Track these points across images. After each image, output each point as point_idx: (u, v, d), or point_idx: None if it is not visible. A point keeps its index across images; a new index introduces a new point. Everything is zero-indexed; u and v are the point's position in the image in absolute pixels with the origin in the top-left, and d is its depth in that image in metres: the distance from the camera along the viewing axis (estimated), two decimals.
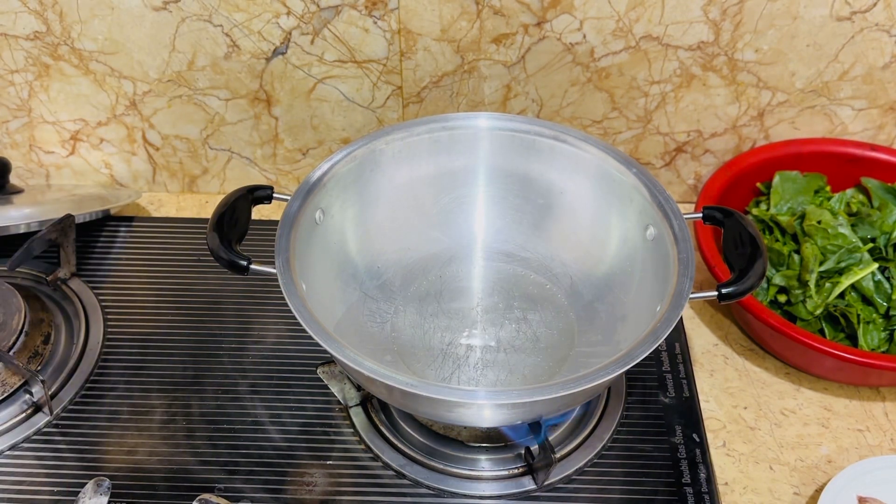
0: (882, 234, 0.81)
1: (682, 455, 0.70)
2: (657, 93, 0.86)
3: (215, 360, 0.77)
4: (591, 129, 0.89)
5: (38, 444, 0.70)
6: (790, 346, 0.75)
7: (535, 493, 0.67)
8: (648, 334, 0.59)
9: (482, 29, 0.81)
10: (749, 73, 0.84)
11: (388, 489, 0.68)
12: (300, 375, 0.75)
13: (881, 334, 0.75)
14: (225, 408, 0.73)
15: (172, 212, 0.94)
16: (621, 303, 0.72)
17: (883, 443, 0.73)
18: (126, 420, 0.72)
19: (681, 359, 0.78)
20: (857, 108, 0.87)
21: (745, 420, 0.74)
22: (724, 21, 0.80)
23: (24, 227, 0.80)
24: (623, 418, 0.73)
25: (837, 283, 0.77)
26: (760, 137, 0.90)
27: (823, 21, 0.80)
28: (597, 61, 0.83)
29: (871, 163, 0.87)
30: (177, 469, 0.69)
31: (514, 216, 0.79)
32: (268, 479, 0.68)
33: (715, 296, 0.62)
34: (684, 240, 0.65)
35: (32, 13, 0.81)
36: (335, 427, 0.72)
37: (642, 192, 0.70)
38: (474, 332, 0.75)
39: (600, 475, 0.69)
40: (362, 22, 0.81)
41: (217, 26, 0.81)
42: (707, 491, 0.68)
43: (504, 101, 0.87)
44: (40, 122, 0.90)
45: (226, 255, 0.63)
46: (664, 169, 0.93)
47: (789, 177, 0.86)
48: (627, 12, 0.79)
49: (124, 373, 0.76)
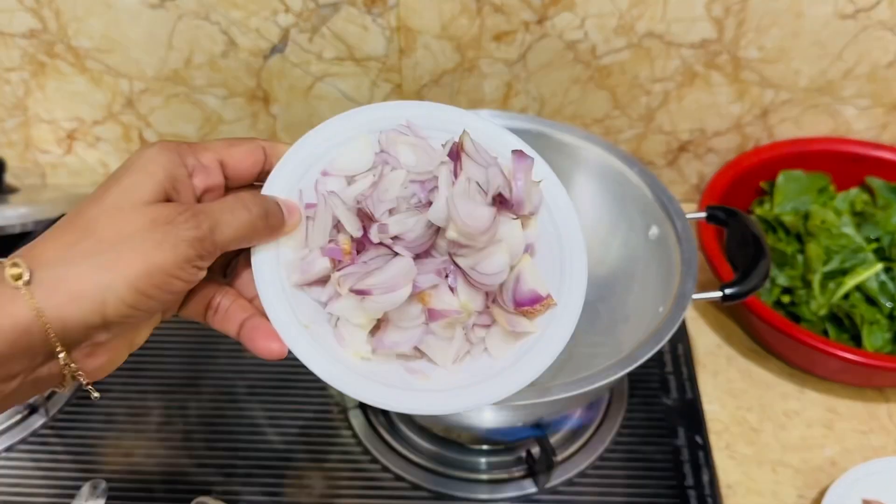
0: (886, 234, 0.81)
1: (685, 457, 0.70)
2: (659, 91, 0.85)
3: (213, 362, 0.77)
4: (592, 128, 0.89)
5: (34, 445, 0.70)
6: (794, 347, 0.74)
7: (535, 496, 0.67)
8: (651, 336, 0.58)
9: (483, 26, 0.81)
10: (752, 72, 0.83)
11: (387, 492, 0.67)
12: (298, 377, 0.75)
13: (885, 335, 0.75)
14: (222, 410, 0.73)
15: None
16: (624, 303, 0.71)
17: (887, 445, 0.72)
18: (123, 422, 0.72)
19: (684, 360, 0.77)
20: (861, 106, 0.86)
21: (749, 422, 0.74)
22: (728, 19, 0.79)
23: (19, 226, 0.80)
24: (625, 420, 0.72)
25: (842, 283, 0.77)
26: (764, 136, 0.89)
27: (827, 19, 0.79)
28: (598, 59, 0.83)
29: (875, 162, 0.87)
30: (174, 471, 0.68)
31: None
32: (265, 482, 0.67)
33: (718, 296, 0.61)
34: (687, 240, 0.64)
35: (28, 11, 0.80)
36: (334, 429, 0.71)
37: (645, 192, 0.69)
38: None
39: (602, 477, 0.68)
40: (361, 19, 0.80)
41: (214, 24, 0.81)
42: (710, 493, 0.67)
43: (505, 100, 0.87)
44: (36, 121, 0.89)
45: None
46: (667, 168, 0.92)
47: (793, 176, 0.86)
48: (629, 9, 0.79)
49: (121, 374, 0.75)
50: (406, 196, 0.43)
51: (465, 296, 0.43)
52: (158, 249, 0.36)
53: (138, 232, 0.36)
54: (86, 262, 0.35)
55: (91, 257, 0.35)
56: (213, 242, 0.38)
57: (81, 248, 0.35)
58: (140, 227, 0.36)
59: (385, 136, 0.45)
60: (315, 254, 0.43)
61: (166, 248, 0.36)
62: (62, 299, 0.34)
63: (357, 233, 0.42)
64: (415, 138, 0.45)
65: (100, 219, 0.36)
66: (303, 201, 0.43)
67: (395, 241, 0.42)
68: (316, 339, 0.42)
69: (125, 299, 0.35)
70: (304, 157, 0.44)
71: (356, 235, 0.42)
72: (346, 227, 0.42)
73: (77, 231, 0.36)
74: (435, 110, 0.47)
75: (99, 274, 0.35)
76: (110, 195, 0.37)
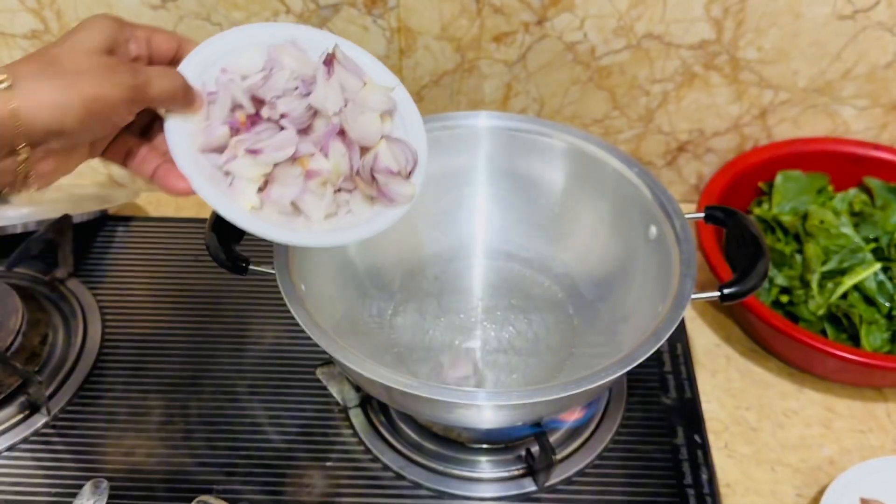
0: (885, 234, 0.81)
1: (684, 456, 0.70)
2: (659, 92, 0.85)
3: (214, 361, 0.77)
4: (592, 129, 0.89)
5: (35, 444, 0.70)
6: (792, 347, 0.74)
7: (535, 495, 0.67)
8: (650, 335, 0.59)
9: (482, 27, 0.81)
10: (751, 72, 0.84)
11: (388, 491, 0.67)
12: (299, 376, 0.75)
13: (884, 335, 0.75)
14: (223, 409, 0.73)
15: (171, 211, 0.94)
16: (623, 303, 0.71)
17: (885, 444, 0.72)
18: (124, 421, 0.72)
19: (682, 359, 0.77)
20: (859, 107, 0.87)
21: (748, 421, 0.74)
22: (726, 19, 0.80)
23: (21, 226, 0.80)
24: (624, 419, 0.72)
25: (840, 283, 0.77)
26: (763, 137, 0.89)
27: (826, 19, 0.80)
28: (598, 60, 0.83)
29: (873, 162, 0.87)
30: (175, 470, 0.68)
31: (515, 216, 0.79)
32: (266, 481, 0.68)
33: (717, 296, 0.62)
34: (686, 240, 0.65)
35: (30, 11, 0.80)
36: (334, 428, 0.72)
37: (644, 192, 0.69)
38: (475, 333, 0.75)
39: (601, 476, 0.68)
40: (361, 20, 0.80)
41: (216, 24, 0.81)
42: (709, 492, 0.67)
43: (505, 100, 0.87)
44: None
45: (224, 256, 0.63)
46: (666, 168, 0.93)
47: (792, 176, 0.86)
48: (629, 10, 0.79)
49: (122, 373, 0.76)
50: (290, 88, 0.54)
51: (336, 160, 0.55)
52: (105, 85, 0.47)
53: (91, 69, 0.47)
54: (52, 82, 0.45)
55: (56, 79, 0.45)
56: (145, 93, 0.49)
57: (49, 73, 0.46)
58: (92, 66, 0.47)
59: (274, 48, 0.56)
60: (216, 123, 0.53)
61: (110, 85, 0.47)
62: (33, 105, 0.44)
63: (251, 109, 0.54)
64: (297, 51, 0.56)
65: (61, 55, 0.47)
66: (205, 89, 0.54)
67: (281, 119, 0.54)
68: (216, 188, 0.53)
69: (78, 115, 0.46)
70: (207, 55, 0.55)
71: (250, 111, 0.54)
72: (244, 103, 0.54)
73: (44, 62, 0.46)
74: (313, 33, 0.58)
75: (61, 92, 0.45)
76: (69, 42, 0.48)
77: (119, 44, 0.50)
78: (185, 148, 0.53)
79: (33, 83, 0.45)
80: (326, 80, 0.55)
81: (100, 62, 0.47)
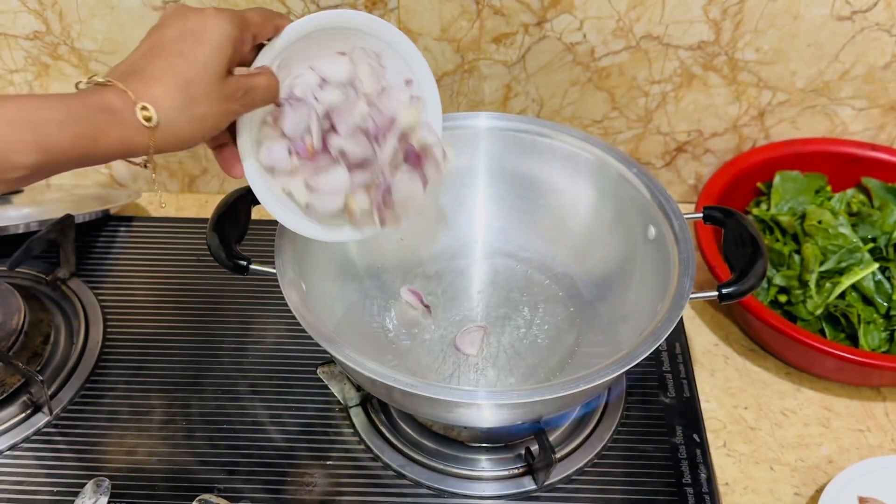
0: (883, 234, 0.81)
1: (683, 455, 0.70)
2: (657, 92, 0.86)
3: (215, 361, 0.77)
4: (591, 129, 0.89)
5: (37, 444, 0.70)
6: (791, 347, 0.74)
7: (535, 494, 0.67)
8: (649, 334, 0.59)
9: (482, 28, 0.81)
10: (749, 73, 0.84)
11: (388, 489, 0.68)
12: (300, 376, 0.75)
13: (882, 334, 0.75)
14: (225, 408, 0.73)
15: (172, 212, 0.94)
16: (622, 302, 0.72)
17: (884, 443, 0.73)
18: (126, 420, 0.72)
19: (681, 359, 0.78)
20: (857, 107, 0.87)
21: (746, 420, 0.74)
22: (725, 20, 0.80)
23: (23, 226, 0.80)
24: (623, 418, 0.73)
25: (838, 283, 0.77)
26: (761, 137, 0.90)
27: (824, 21, 0.80)
28: (597, 61, 0.83)
29: (871, 163, 0.87)
30: (176, 469, 0.69)
31: (515, 216, 0.79)
32: (268, 480, 0.68)
33: (715, 296, 0.62)
34: (685, 240, 0.65)
35: (32, 13, 0.81)
36: (335, 427, 0.72)
37: (643, 192, 0.70)
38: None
39: (600, 475, 0.69)
40: None
41: None
42: (707, 491, 0.68)
43: (504, 101, 0.87)
44: None
45: (226, 256, 0.63)
46: (664, 169, 0.93)
47: (790, 177, 0.86)
48: (628, 12, 0.79)
49: (124, 373, 0.76)
50: (360, 126, 0.58)
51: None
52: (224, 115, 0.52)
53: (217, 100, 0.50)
54: (190, 124, 0.49)
55: (193, 121, 0.49)
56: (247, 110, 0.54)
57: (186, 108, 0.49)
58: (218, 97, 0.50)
59: (356, 53, 0.59)
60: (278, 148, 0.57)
61: (227, 114, 0.52)
62: (170, 140, 0.49)
63: (318, 145, 0.58)
64: (376, 65, 0.60)
65: (194, 82, 0.49)
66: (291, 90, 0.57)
67: (341, 155, 0.58)
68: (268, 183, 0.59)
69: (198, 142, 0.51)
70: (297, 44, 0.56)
71: (317, 147, 0.58)
72: (314, 134, 0.57)
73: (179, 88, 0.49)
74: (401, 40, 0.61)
75: (195, 128, 0.50)
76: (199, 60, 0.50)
77: (241, 55, 0.53)
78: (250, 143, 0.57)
79: (174, 121, 0.48)
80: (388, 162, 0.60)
81: (222, 92, 0.50)
